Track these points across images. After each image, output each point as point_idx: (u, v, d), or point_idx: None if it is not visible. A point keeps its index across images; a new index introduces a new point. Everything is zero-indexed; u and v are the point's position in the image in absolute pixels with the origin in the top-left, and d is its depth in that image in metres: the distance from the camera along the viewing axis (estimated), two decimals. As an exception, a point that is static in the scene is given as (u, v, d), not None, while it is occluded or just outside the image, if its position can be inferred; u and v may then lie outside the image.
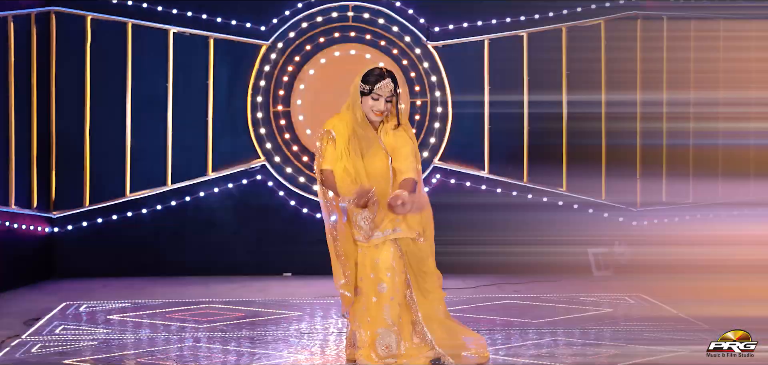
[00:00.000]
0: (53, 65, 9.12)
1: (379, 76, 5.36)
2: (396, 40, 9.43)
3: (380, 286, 5.39)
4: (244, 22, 9.29)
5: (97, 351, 5.94)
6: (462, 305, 7.70)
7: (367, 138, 5.41)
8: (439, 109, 9.49)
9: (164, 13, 9.21)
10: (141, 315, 7.26)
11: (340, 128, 5.42)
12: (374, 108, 5.37)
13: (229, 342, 6.25)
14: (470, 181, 9.54)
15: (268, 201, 9.38)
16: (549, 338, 6.34)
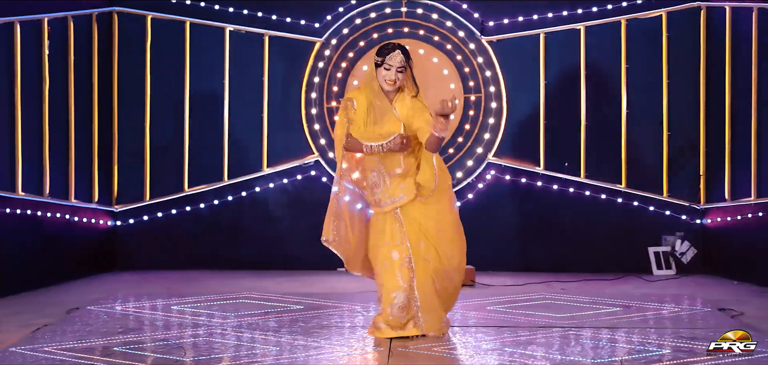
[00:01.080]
0: (115, 63, 9.42)
1: (391, 48, 5.95)
2: (450, 35, 9.39)
3: (393, 253, 5.98)
4: (299, 20, 9.41)
5: (124, 342, 6.10)
6: (496, 303, 7.62)
7: (381, 107, 5.92)
8: (494, 104, 9.40)
9: (221, 11, 9.40)
10: (185, 305, 7.43)
11: (360, 99, 5.97)
12: (386, 78, 5.91)
13: (267, 333, 6.35)
14: (525, 177, 9.42)
15: (322, 196, 9.39)
16: (558, 340, 6.22)
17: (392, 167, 6.05)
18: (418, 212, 6.03)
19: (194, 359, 5.60)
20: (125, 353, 5.75)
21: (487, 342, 6.12)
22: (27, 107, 8.29)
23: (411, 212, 6.03)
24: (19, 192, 8.15)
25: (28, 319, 6.90)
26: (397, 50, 5.95)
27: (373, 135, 5.96)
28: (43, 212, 8.48)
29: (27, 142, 8.27)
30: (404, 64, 5.96)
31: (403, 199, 6.03)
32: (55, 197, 8.61)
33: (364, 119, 5.95)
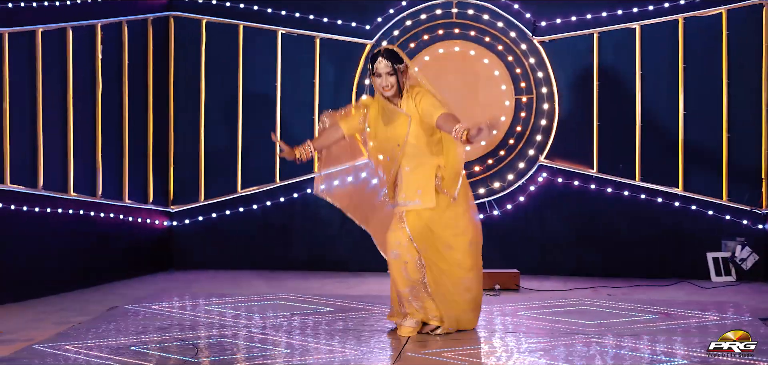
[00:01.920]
0: (171, 67, 9.62)
1: (375, 56, 6.09)
2: (501, 36, 9.29)
3: (392, 252, 6.21)
4: (349, 22, 9.44)
5: (161, 342, 6.24)
6: (530, 308, 7.50)
7: (389, 110, 6.13)
8: (546, 105, 9.26)
9: (273, 14, 9.50)
10: (221, 305, 7.55)
11: (374, 106, 6.23)
12: (380, 85, 6.09)
13: (284, 334, 6.41)
14: (578, 180, 9.25)
15: (373, 198, 9.45)
16: (565, 347, 6.08)
17: (407, 162, 6.21)
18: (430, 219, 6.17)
19: (196, 360, 5.67)
20: (138, 352, 5.86)
21: (496, 347, 6.04)
22: (80, 110, 8.53)
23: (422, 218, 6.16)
24: (71, 193, 8.40)
25: (68, 316, 7.11)
26: (380, 57, 6.07)
27: (386, 137, 6.18)
28: (97, 213, 8.72)
29: (80, 144, 8.52)
30: (391, 67, 6.06)
31: (417, 204, 6.15)
32: (108, 197, 8.83)
33: (376, 124, 6.21)
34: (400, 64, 6.10)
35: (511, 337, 6.40)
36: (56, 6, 8.27)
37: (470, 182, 9.28)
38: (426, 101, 6.01)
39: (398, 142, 6.11)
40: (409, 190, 6.14)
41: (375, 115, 6.20)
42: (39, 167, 8.10)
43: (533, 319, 7.02)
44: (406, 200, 6.15)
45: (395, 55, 6.10)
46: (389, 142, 6.17)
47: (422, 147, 6.13)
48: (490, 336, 6.44)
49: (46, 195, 8.15)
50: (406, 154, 6.14)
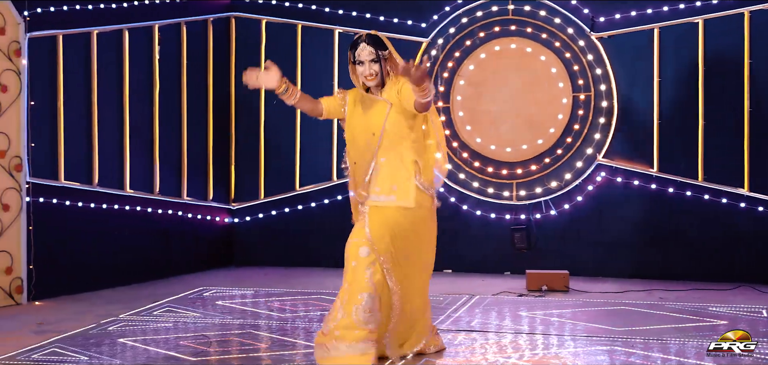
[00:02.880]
0: (232, 66, 9.78)
1: (357, 43, 5.51)
2: (558, 33, 9.12)
3: (362, 250, 5.44)
4: (406, 20, 9.42)
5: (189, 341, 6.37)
6: (564, 308, 7.34)
7: (368, 98, 5.57)
8: (604, 103, 9.04)
9: (331, 14, 9.55)
10: (261, 300, 7.65)
11: (352, 93, 5.69)
12: (362, 73, 5.50)
13: (299, 331, 6.45)
14: (638, 179, 8.99)
15: (428, 197, 9.40)
16: (603, 347, 5.91)
17: (384, 153, 5.52)
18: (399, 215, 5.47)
19: (199, 358, 5.75)
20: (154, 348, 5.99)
21: (481, 345, 5.94)
22: (137, 109, 8.76)
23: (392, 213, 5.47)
24: (127, 189, 8.63)
25: (113, 310, 7.31)
26: (362, 43, 5.48)
27: (363, 126, 5.54)
28: (154, 209, 8.93)
29: (136, 142, 8.74)
30: (375, 54, 5.47)
31: (393, 200, 5.44)
32: (166, 195, 9.04)
33: (353, 111, 5.61)
34: (385, 51, 5.49)
35: (512, 336, 6.27)
36: (112, 8, 8.50)
37: (527, 180, 9.17)
38: (408, 85, 5.28)
39: (374, 131, 5.46)
40: (383, 183, 5.43)
41: (353, 103, 5.63)
42: (94, 164, 8.34)
43: (562, 320, 6.86)
44: (379, 195, 5.44)
45: (379, 42, 5.49)
46: (365, 131, 5.51)
47: (401, 139, 5.46)
48: (477, 333, 6.33)
49: (102, 191, 8.39)
50: (383, 145, 5.46)
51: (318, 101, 5.74)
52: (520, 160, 9.22)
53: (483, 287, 8.44)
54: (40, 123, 7.88)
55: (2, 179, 7.57)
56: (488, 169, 9.28)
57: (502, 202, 9.26)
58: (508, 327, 6.63)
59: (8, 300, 7.60)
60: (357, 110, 5.60)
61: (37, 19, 7.83)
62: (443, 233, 9.26)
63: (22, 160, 7.69)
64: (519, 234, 9.15)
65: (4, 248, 7.58)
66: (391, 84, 5.52)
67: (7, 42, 7.60)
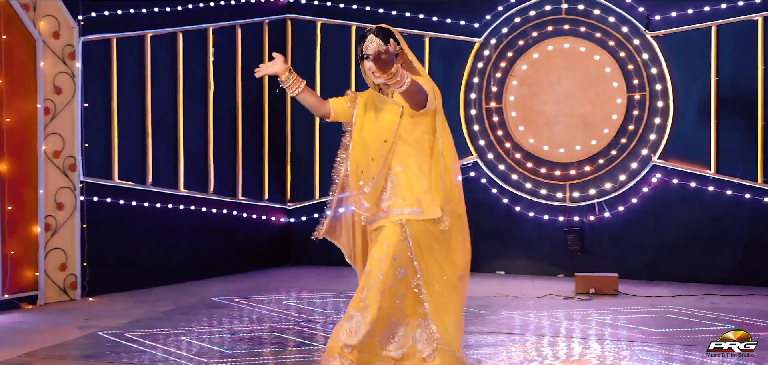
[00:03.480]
0: (289, 68, 9.87)
1: (365, 35, 4.92)
2: (612, 32, 8.98)
3: (399, 271, 4.79)
4: (458, 20, 9.39)
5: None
6: (602, 313, 7.23)
7: (380, 100, 4.95)
8: (660, 103, 8.87)
9: (385, 14, 9.59)
10: (305, 300, 7.73)
11: (362, 98, 5.07)
12: (371, 69, 4.88)
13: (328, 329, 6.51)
14: (695, 181, 8.80)
15: (481, 198, 9.38)
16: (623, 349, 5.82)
17: (399, 162, 4.89)
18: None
19: (216, 360, 5.85)
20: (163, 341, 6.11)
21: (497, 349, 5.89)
22: (191, 111, 8.93)
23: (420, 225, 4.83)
24: (180, 189, 8.81)
25: (159, 307, 7.48)
26: (370, 36, 4.89)
27: (374, 132, 4.93)
28: (209, 208, 9.09)
29: (190, 142, 8.91)
30: (382, 48, 4.70)
31: (418, 213, 4.81)
32: (220, 194, 9.19)
33: (363, 117, 5.01)
34: (394, 43, 4.87)
35: (534, 338, 6.20)
36: (167, 11, 8.68)
37: (580, 182, 9.06)
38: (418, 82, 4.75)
39: (386, 136, 4.87)
40: (406, 193, 4.82)
41: (362, 106, 5.03)
42: (148, 164, 8.53)
43: (599, 324, 6.75)
44: (402, 207, 4.82)
45: (390, 35, 4.91)
46: (376, 138, 4.91)
47: (417, 144, 4.91)
48: (538, 340, 6.27)
49: (156, 191, 8.58)
50: (396, 152, 4.87)
51: (326, 101, 5.17)
52: (574, 161, 9.11)
53: (532, 289, 8.37)
54: (94, 124, 8.09)
55: (57, 178, 7.79)
56: (541, 170, 9.19)
57: (556, 203, 9.16)
58: (540, 330, 6.57)
59: (62, 296, 7.82)
60: (369, 113, 5.01)
61: (91, 22, 8.04)
62: (496, 234, 9.33)
63: (76, 160, 7.90)
64: (572, 236, 9.04)
65: (58, 245, 7.80)
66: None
67: (61, 46, 7.82)
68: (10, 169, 7.46)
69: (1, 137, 7.40)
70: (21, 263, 7.54)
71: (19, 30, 7.55)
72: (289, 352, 5.96)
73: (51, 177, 7.74)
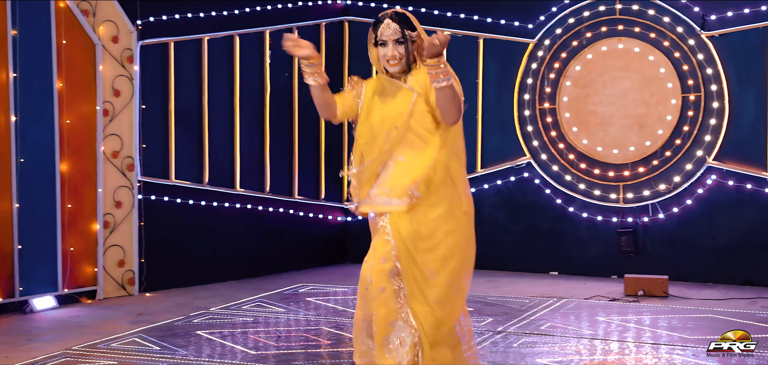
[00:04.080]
0: (346, 69, 10.04)
1: (381, 20, 4.60)
2: (667, 32, 8.92)
3: (390, 271, 4.52)
4: (513, 21, 9.42)
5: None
6: (662, 313, 7.21)
7: (391, 86, 4.61)
8: (715, 104, 8.78)
9: (440, 16, 9.66)
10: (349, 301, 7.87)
11: (369, 85, 4.71)
12: (386, 56, 4.57)
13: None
14: (751, 183, 8.68)
15: (535, 198, 9.41)
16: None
17: (403, 151, 4.57)
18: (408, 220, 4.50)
19: (260, 351, 6.00)
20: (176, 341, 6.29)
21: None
22: (248, 111, 9.14)
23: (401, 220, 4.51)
24: (237, 188, 9.03)
25: (211, 304, 7.69)
26: (387, 20, 4.56)
27: (382, 117, 4.58)
28: (265, 207, 9.29)
29: (246, 142, 9.12)
30: (401, 33, 4.53)
31: (405, 203, 4.48)
32: (276, 193, 9.38)
33: (371, 103, 4.65)
34: (413, 31, 4.57)
35: (559, 339, 6.21)
36: (224, 15, 8.90)
37: (634, 183, 9.02)
38: None
39: (396, 123, 4.52)
40: (397, 183, 4.50)
41: (371, 92, 4.68)
42: (204, 164, 8.76)
43: (639, 326, 6.74)
44: (390, 197, 4.52)
45: (407, 21, 4.57)
46: (384, 123, 4.55)
47: (428, 134, 4.54)
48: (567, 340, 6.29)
49: (212, 190, 8.81)
50: (403, 140, 4.53)
51: (333, 102, 4.72)
52: (628, 162, 9.07)
53: (582, 290, 8.37)
54: (152, 125, 8.35)
55: (115, 177, 8.07)
56: (595, 171, 9.17)
57: (609, 204, 9.13)
58: (578, 332, 6.58)
59: (121, 291, 8.10)
60: (376, 100, 4.64)
61: (149, 27, 8.30)
62: (549, 235, 9.34)
63: (133, 160, 8.17)
64: (625, 238, 9.00)
65: (116, 242, 8.08)
66: (419, 71, 4.56)
67: (120, 50, 8.10)
68: (70, 169, 7.75)
69: (62, 138, 7.70)
70: (80, 260, 7.84)
71: (79, 35, 7.84)
72: (328, 352, 6.08)
73: (110, 177, 8.03)
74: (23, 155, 7.45)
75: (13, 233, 7.38)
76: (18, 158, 7.42)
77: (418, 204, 4.46)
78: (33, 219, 7.51)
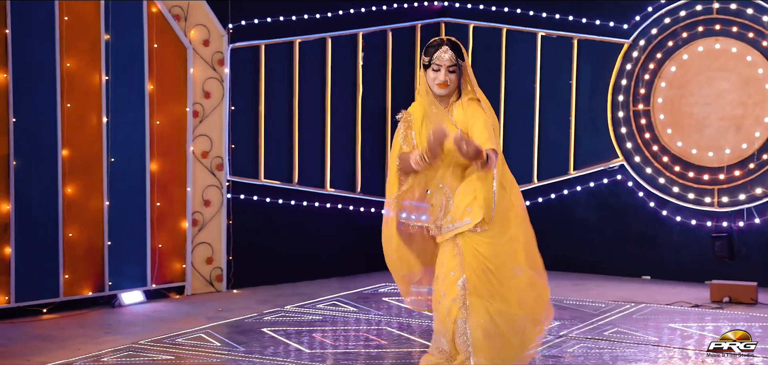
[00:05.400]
0: (441, 70, 10.07)
1: (438, 45, 4.88)
2: (766, 31, 8.60)
3: (458, 282, 4.87)
4: (607, 22, 9.27)
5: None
6: (739, 321, 6.98)
7: (438, 114, 4.91)
8: (817, 105, 8.43)
9: (535, 17, 9.59)
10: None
11: (417, 112, 5.01)
12: (436, 80, 4.86)
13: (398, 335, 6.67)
14: None
15: (628, 201, 9.24)
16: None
17: (456, 182, 4.91)
18: (480, 240, 4.85)
19: (315, 350, 6.12)
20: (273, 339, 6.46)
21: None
22: (340, 113, 9.30)
23: (472, 240, 4.85)
24: (327, 188, 9.20)
25: (287, 301, 7.89)
26: (444, 46, 4.86)
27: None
28: (356, 207, 9.43)
29: (337, 143, 9.28)
30: (455, 62, 4.83)
31: (468, 223, 4.83)
32: (367, 193, 9.51)
33: (419, 131, 4.97)
34: (463, 61, 4.89)
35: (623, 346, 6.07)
36: (316, 18, 9.08)
37: (730, 186, 8.76)
38: (479, 125, 4.81)
39: (446, 154, 4.85)
40: (456, 210, 4.87)
41: (420, 120, 4.99)
42: (294, 164, 8.97)
43: (709, 333, 6.54)
44: (453, 223, 4.87)
45: (459, 50, 4.89)
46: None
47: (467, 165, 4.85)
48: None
49: (302, 190, 9.01)
50: (454, 174, 4.92)
51: (402, 156, 4.96)
52: (723, 165, 8.79)
53: (669, 295, 8.18)
54: (242, 127, 8.61)
55: (205, 177, 8.37)
56: (689, 174, 8.94)
57: (703, 208, 8.88)
58: (639, 339, 6.44)
59: (209, 287, 8.39)
60: (424, 127, 4.94)
61: (240, 30, 8.55)
62: (642, 238, 9.15)
63: (223, 160, 8.44)
64: (720, 242, 8.74)
65: (205, 240, 8.37)
66: (460, 104, 4.91)
67: (210, 53, 8.38)
68: (160, 168, 8.08)
69: (152, 139, 8.03)
70: (170, 256, 8.16)
71: (170, 38, 8.15)
72: (384, 353, 6.16)
73: (199, 176, 8.32)
74: (114, 155, 7.80)
75: (104, 230, 7.74)
76: (109, 158, 7.78)
77: (480, 223, 4.81)
78: (123, 217, 7.86)
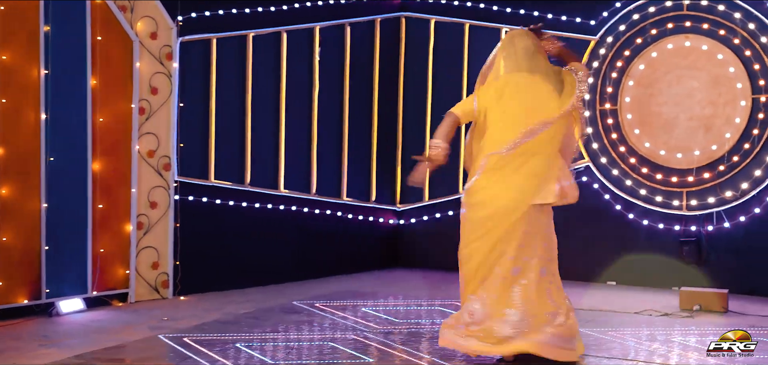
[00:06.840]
0: (401, 66, 9.71)
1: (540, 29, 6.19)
2: (738, 29, 8.33)
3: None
4: (574, 17, 8.95)
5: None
6: (717, 332, 6.67)
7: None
8: (789, 106, 8.17)
9: (498, 12, 9.25)
10: (389, 307, 7.58)
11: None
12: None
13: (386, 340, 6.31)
14: (827, 192, 8.04)
15: (593, 204, 8.91)
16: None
17: None
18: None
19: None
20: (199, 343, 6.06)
21: None
22: (295, 110, 8.89)
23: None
24: (281, 189, 8.79)
25: (234, 309, 7.48)
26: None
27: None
28: (311, 209, 9.05)
29: (292, 143, 8.87)
30: None
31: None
32: (323, 195, 9.11)
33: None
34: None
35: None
36: (271, 11, 8.66)
37: (699, 189, 8.49)
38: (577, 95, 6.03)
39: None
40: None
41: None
42: (246, 164, 8.56)
43: (679, 346, 6.23)
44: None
45: None
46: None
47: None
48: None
49: (254, 191, 8.59)
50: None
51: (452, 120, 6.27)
52: (692, 167, 8.51)
53: (636, 302, 7.87)
54: (191, 124, 8.17)
55: (151, 177, 7.92)
56: (657, 176, 8.64)
57: (671, 212, 8.59)
58: (610, 351, 6.12)
59: (154, 294, 7.94)
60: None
61: (190, 23, 8.11)
62: (607, 242, 8.83)
63: (170, 159, 8.00)
64: (688, 247, 8.45)
65: (151, 244, 7.92)
66: (564, 73, 6.02)
67: (158, 46, 7.93)
68: (102, 168, 7.61)
69: (95, 137, 7.56)
70: (112, 261, 7.69)
71: (115, 31, 7.69)
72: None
73: (145, 176, 7.87)
74: (53, 154, 7.32)
75: (41, 234, 7.25)
76: (48, 157, 7.30)
77: None
78: (62, 219, 7.38)
